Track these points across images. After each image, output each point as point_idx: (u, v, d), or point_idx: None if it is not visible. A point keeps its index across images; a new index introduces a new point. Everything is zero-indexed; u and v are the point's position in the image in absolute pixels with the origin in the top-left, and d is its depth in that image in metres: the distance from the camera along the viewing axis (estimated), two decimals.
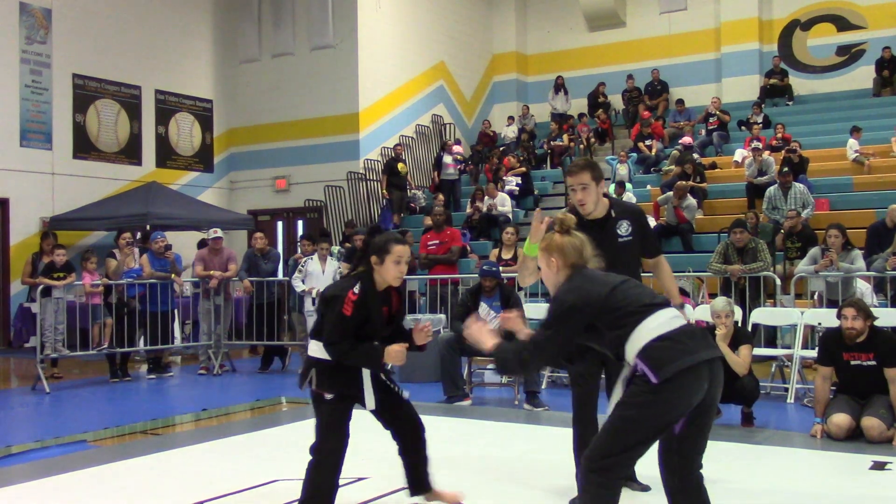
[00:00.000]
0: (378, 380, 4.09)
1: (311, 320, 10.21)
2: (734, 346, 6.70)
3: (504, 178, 16.29)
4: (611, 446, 3.17)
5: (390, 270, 3.95)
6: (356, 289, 3.92)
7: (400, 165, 16.69)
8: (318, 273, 10.29)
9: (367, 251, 4.01)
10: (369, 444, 4.59)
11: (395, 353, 3.95)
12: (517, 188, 16.01)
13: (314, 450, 4.08)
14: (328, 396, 4.03)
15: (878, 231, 10.39)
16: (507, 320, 3.53)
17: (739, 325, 7.49)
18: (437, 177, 17.24)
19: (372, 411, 4.12)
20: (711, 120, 17.18)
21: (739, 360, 6.60)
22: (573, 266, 3.45)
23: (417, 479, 4.27)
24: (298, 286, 10.37)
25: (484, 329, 3.49)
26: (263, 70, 18.30)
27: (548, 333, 3.33)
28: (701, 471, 3.33)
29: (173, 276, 10.61)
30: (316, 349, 4.08)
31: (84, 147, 15.76)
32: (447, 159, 17.13)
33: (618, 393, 3.27)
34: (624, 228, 4.80)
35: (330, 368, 4.02)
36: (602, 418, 3.46)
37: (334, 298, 3.96)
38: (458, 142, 18.78)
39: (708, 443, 3.31)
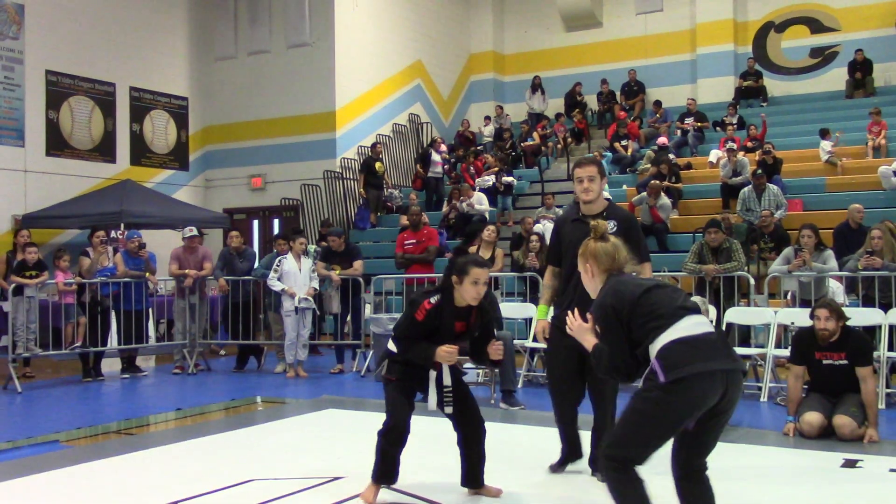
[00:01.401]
0: (440, 382, 4.54)
1: (288, 320, 10.18)
2: None
3: (479, 177, 16.34)
4: (626, 438, 3.32)
5: (468, 290, 4.43)
6: (433, 299, 4.44)
7: (377, 164, 16.68)
8: (295, 272, 10.22)
9: (450, 270, 4.47)
10: (346, 443, 4.58)
11: (443, 353, 4.39)
12: (492, 186, 16.04)
13: (384, 425, 4.48)
14: (393, 379, 4.51)
15: (844, 232, 10.51)
16: (582, 329, 3.64)
17: (714, 324, 7.54)
18: (421, 170, 17.25)
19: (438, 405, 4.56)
20: (688, 121, 17.31)
21: None
22: (608, 271, 3.62)
23: (471, 473, 4.65)
24: (276, 285, 10.27)
25: (585, 328, 3.61)
26: (239, 68, 18.20)
27: (605, 343, 3.46)
28: (707, 471, 3.49)
29: (147, 274, 10.54)
30: (391, 345, 4.61)
31: (57, 144, 15.59)
32: (436, 157, 17.18)
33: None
34: (610, 227, 4.86)
35: (400, 363, 4.51)
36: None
37: (413, 302, 4.48)
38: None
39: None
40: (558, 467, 5.28)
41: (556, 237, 5.43)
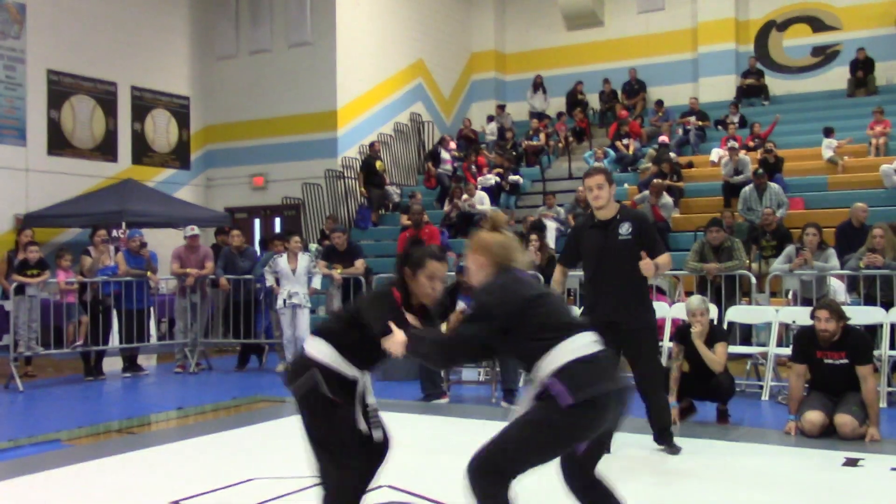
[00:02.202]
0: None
1: (283, 319, 10.20)
2: (710, 343, 6.74)
3: (481, 175, 16.33)
4: (509, 454, 3.09)
5: (423, 286, 3.65)
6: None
7: (378, 163, 16.67)
8: (289, 271, 10.23)
9: (403, 261, 3.70)
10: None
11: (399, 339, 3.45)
12: (496, 185, 16.03)
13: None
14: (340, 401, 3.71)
15: (846, 231, 10.50)
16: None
17: (715, 323, 7.54)
18: (433, 168, 17.24)
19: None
20: (691, 118, 17.29)
21: (715, 357, 6.65)
22: (499, 265, 3.36)
23: None
24: (270, 280, 10.38)
25: (397, 338, 3.35)
26: (241, 67, 18.20)
27: (465, 329, 3.25)
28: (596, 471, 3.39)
29: (149, 273, 10.55)
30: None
31: (59, 143, 15.60)
32: (445, 155, 17.16)
33: (524, 406, 3.20)
34: (625, 229, 5.57)
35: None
36: None
37: (383, 293, 3.71)
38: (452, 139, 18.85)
39: (691, 439, 3.39)
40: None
41: (574, 242, 5.90)
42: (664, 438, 5.75)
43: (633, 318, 5.58)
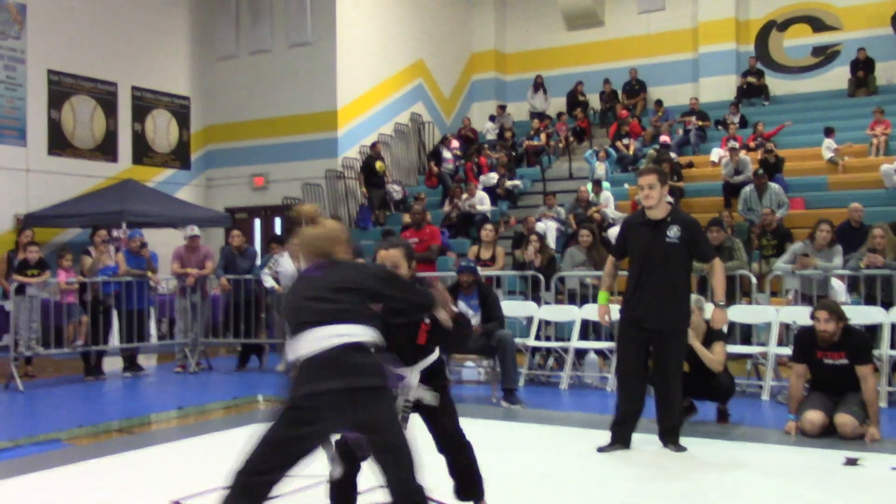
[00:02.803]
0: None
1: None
2: (707, 343, 6.74)
3: (484, 174, 16.33)
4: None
5: None
6: None
7: (378, 164, 16.67)
8: (292, 272, 10.24)
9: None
10: None
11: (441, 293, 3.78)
12: (495, 186, 16.04)
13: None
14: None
15: (845, 231, 10.50)
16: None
17: None
18: (435, 167, 17.25)
19: None
20: (691, 118, 17.29)
21: (714, 357, 6.64)
22: (313, 256, 3.47)
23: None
24: (268, 282, 10.41)
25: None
26: (241, 67, 18.20)
27: None
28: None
29: (149, 273, 10.55)
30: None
31: (59, 143, 15.61)
32: (447, 154, 17.15)
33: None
34: (673, 232, 5.60)
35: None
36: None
37: (393, 274, 3.76)
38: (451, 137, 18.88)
39: (691, 439, 3.35)
40: (606, 448, 5.73)
41: (623, 235, 5.99)
42: (669, 437, 5.76)
43: (663, 320, 5.64)
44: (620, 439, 5.74)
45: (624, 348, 5.88)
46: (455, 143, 18.23)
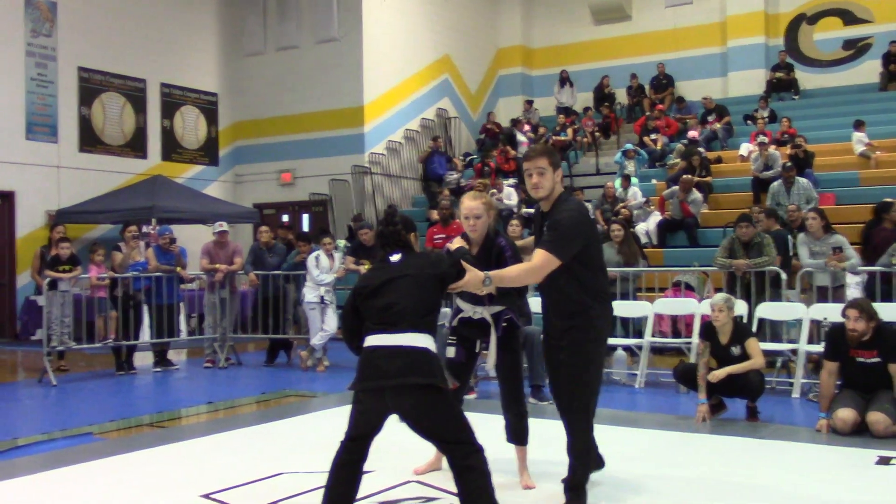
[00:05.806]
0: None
1: (312, 315, 10.24)
2: (737, 341, 6.69)
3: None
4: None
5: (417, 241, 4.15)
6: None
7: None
8: (327, 269, 10.29)
9: (406, 229, 4.04)
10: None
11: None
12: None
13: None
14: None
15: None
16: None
17: (744, 320, 7.47)
18: (511, 150, 16.84)
19: None
20: (710, 118, 17.13)
21: (752, 360, 6.57)
22: None
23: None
24: (328, 277, 10.31)
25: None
26: (268, 63, 18.30)
27: None
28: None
29: (178, 269, 10.63)
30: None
31: (89, 140, 15.78)
32: (521, 137, 17.09)
33: None
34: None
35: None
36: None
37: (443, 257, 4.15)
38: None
39: (721, 437, 3.33)
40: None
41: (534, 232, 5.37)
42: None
43: (565, 337, 4.52)
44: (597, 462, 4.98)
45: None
46: (527, 126, 18.08)
